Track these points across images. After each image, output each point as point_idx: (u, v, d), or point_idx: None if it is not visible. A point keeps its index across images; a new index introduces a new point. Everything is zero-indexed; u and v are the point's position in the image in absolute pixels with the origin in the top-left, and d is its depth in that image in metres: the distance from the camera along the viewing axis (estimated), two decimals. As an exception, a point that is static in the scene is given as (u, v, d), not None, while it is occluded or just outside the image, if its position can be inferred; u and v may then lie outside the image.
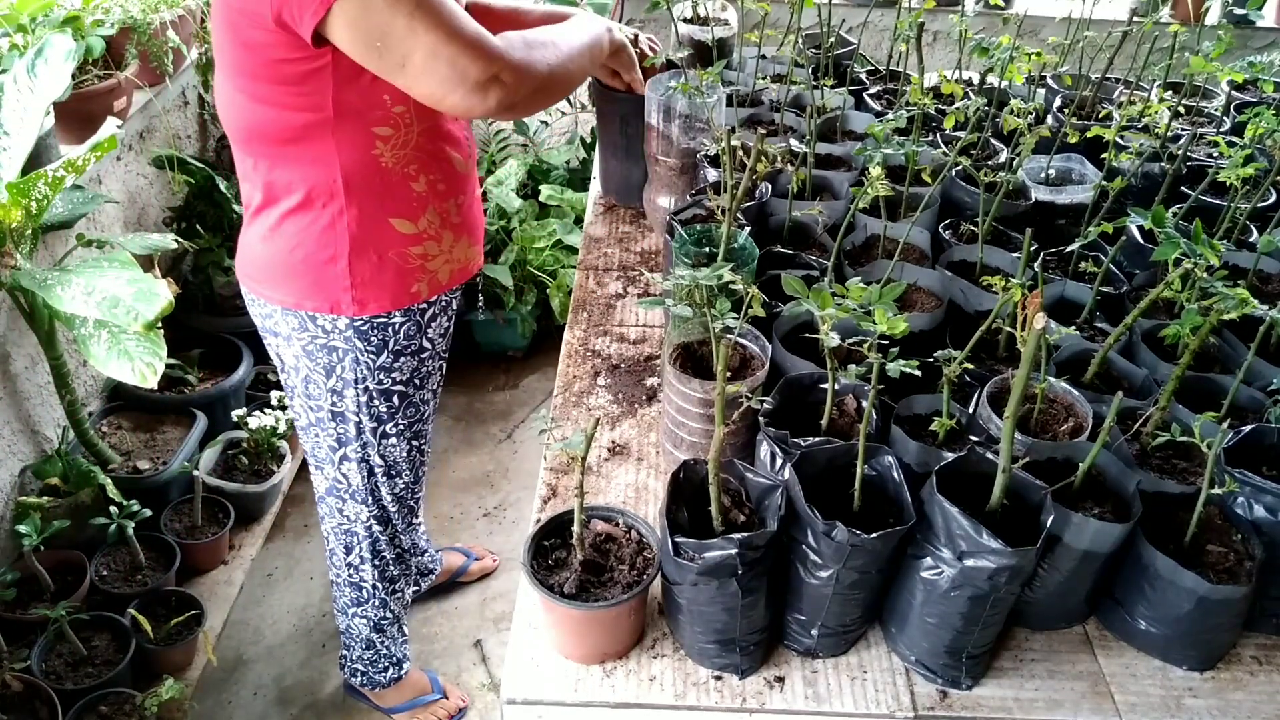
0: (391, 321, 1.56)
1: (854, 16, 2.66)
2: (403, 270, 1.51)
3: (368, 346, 1.57)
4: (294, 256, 1.48)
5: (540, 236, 3.11)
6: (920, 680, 1.19)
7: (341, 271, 1.47)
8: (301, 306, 1.52)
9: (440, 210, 1.52)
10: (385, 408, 1.67)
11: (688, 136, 1.81)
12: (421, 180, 1.47)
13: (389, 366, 1.61)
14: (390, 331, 1.57)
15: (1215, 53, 1.71)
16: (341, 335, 1.55)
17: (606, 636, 1.17)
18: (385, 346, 1.58)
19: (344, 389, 1.62)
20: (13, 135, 1.95)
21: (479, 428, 3.09)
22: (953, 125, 1.68)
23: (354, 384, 1.61)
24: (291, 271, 1.49)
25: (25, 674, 1.96)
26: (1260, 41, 3.30)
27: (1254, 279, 1.58)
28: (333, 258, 1.47)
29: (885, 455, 1.16)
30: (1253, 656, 1.24)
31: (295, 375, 1.66)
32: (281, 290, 1.52)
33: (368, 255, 1.47)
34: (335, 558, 1.94)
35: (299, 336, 1.57)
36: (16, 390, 2.24)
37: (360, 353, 1.57)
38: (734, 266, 1.22)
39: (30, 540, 1.99)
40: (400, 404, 1.68)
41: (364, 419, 1.67)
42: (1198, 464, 1.25)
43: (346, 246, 1.46)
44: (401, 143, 1.42)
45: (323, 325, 1.54)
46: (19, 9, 2.18)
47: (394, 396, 1.66)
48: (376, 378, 1.61)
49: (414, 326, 1.60)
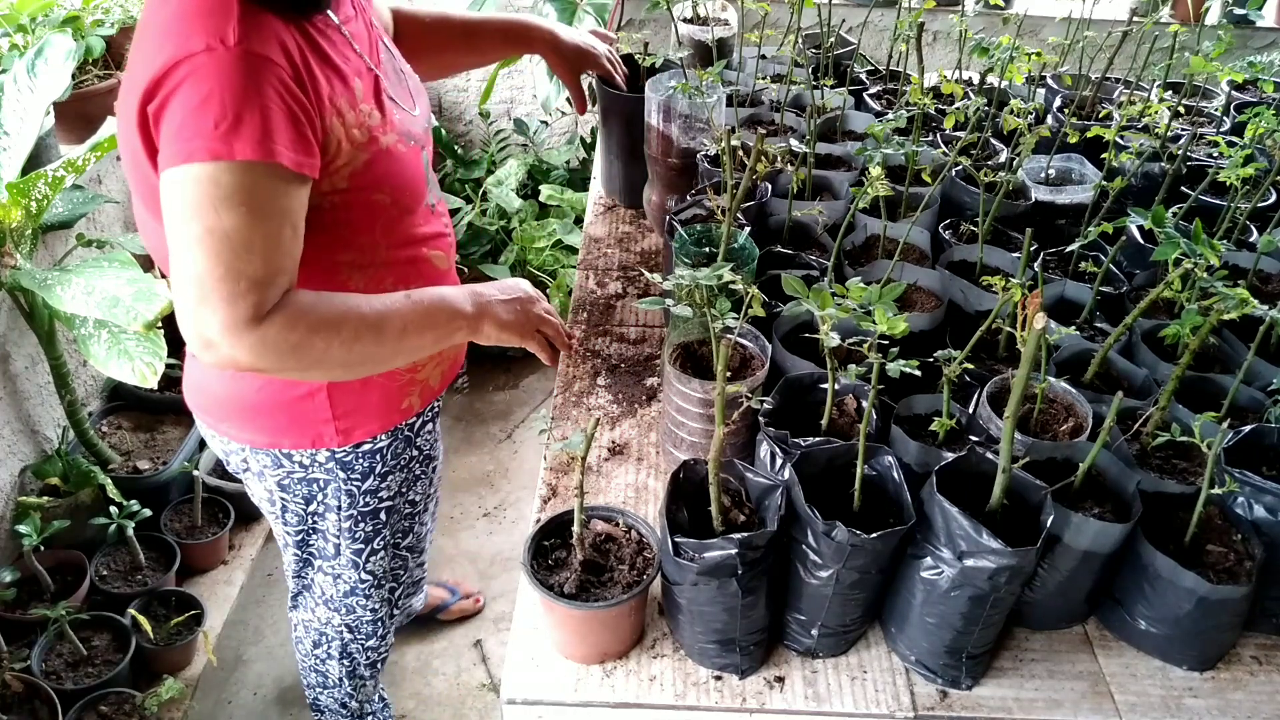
0: (378, 446, 1.43)
1: (854, 16, 2.66)
2: (390, 390, 1.38)
3: (352, 475, 1.43)
4: (262, 395, 1.31)
5: (540, 236, 3.11)
6: (920, 680, 1.19)
7: (321, 404, 1.32)
8: (276, 445, 1.36)
9: None
10: (370, 527, 1.53)
11: (688, 136, 1.81)
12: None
13: (375, 489, 1.48)
14: (378, 456, 1.44)
15: (1215, 53, 1.71)
16: (323, 468, 1.40)
17: (606, 636, 1.17)
18: (372, 471, 1.45)
19: (325, 513, 1.49)
20: (13, 135, 1.95)
21: (479, 428, 3.09)
22: (953, 125, 1.68)
23: (336, 510, 1.48)
24: (260, 411, 1.33)
25: (25, 674, 1.96)
26: (1260, 41, 3.30)
27: (1254, 279, 1.58)
28: (309, 393, 1.31)
29: (885, 455, 1.16)
30: (1253, 656, 1.24)
31: (267, 505, 1.52)
32: (249, 430, 1.35)
33: (349, 383, 1.32)
34: (301, 645, 1.81)
35: (272, 473, 1.42)
36: (16, 390, 2.24)
37: (344, 481, 1.44)
38: (734, 266, 1.22)
39: (30, 540, 1.99)
40: (387, 518, 1.55)
41: (344, 541, 1.54)
42: (1198, 464, 1.25)
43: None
44: (369, 264, 1.26)
45: (300, 461, 1.39)
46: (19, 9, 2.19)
47: (381, 513, 1.53)
48: (362, 501, 1.48)
49: (403, 442, 1.47)
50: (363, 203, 1.19)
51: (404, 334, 1.14)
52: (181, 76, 0.98)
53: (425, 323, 1.16)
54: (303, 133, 1.04)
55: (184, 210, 1.00)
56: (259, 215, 1.01)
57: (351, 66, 1.16)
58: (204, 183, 0.98)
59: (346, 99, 1.13)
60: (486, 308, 1.24)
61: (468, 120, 3.66)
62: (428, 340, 1.19)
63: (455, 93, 3.60)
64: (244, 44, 1.00)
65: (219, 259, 0.99)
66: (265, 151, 0.99)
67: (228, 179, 0.99)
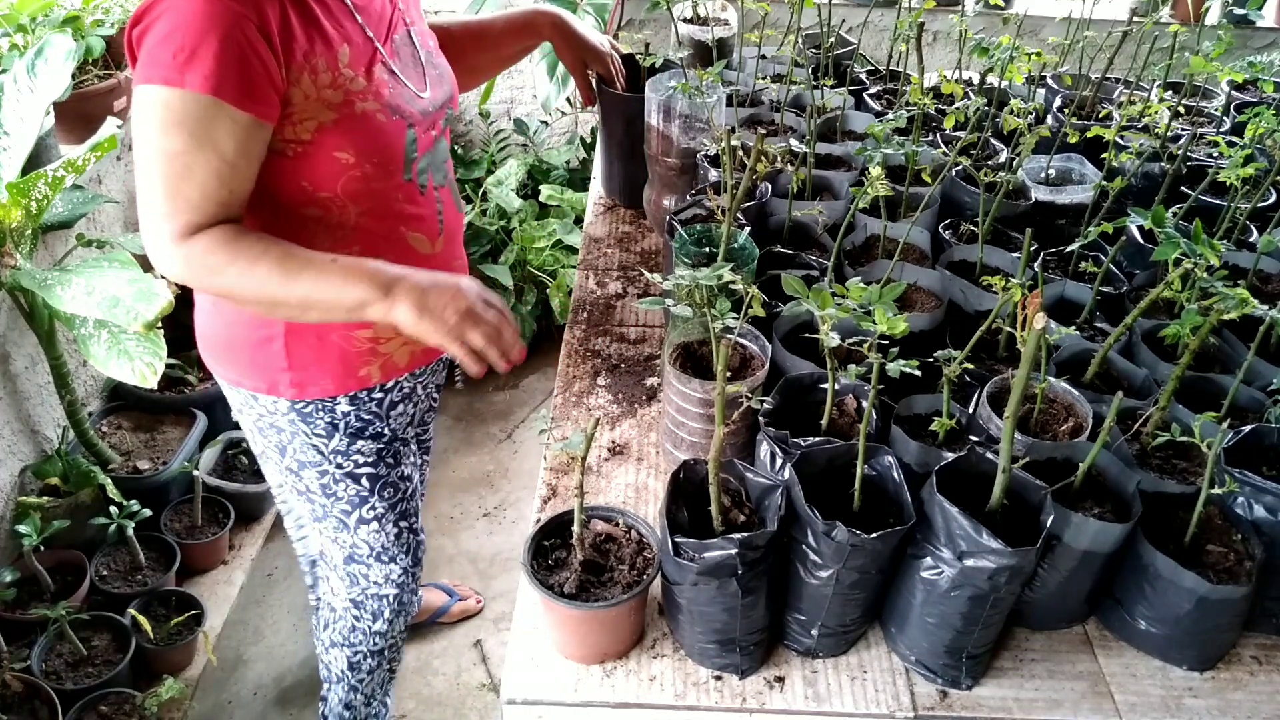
0: (338, 405, 1.44)
1: (854, 16, 2.66)
2: (348, 353, 1.40)
3: (314, 429, 1.45)
4: (231, 333, 1.40)
5: (540, 236, 3.11)
6: (920, 680, 1.19)
7: (277, 353, 1.37)
8: (241, 385, 1.44)
9: None
10: (354, 491, 1.54)
11: (688, 136, 1.81)
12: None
13: (345, 450, 1.49)
14: (339, 414, 1.45)
15: (1215, 53, 1.71)
16: (285, 417, 1.44)
17: (607, 636, 1.17)
18: (336, 430, 1.46)
19: (300, 470, 1.51)
20: (13, 135, 1.95)
21: (479, 428, 3.09)
22: (953, 125, 1.68)
23: (310, 465, 1.50)
24: (230, 347, 1.42)
25: (25, 674, 1.96)
26: (1260, 41, 3.30)
27: (1254, 279, 1.58)
28: (267, 338, 1.37)
29: (885, 455, 1.16)
30: (1253, 656, 1.24)
31: (254, 446, 1.58)
32: (223, 365, 1.45)
33: (305, 337, 1.37)
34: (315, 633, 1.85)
35: (246, 412, 1.49)
36: (16, 390, 2.24)
37: (308, 435, 1.46)
38: (734, 266, 1.22)
39: (30, 540, 1.99)
40: (373, 485, 1.55)
41: (330, 502, 1.55)
42: (1198, 464, 1.25)
43: (281, 327, 1.36)
44: (336, 224, 1.30)
45: (265, 405, 1.44)
46: (19, 9, 2.18)
47: (362, 479, 1.53)
48: (334, 460, 1.49)
49: (369, 412, 1.48)
50: (325, 157, 1.24)
51: (314, 290, 1.17)
52: (160, 10, 1.10)
53: (337, 285, 1.17)
54: (258, 81, 1.13)
55: (141, 127, 1.12)
56: (200, 144, 1.11)
57: (342, 33, 1.23)
58: (158, 105, 1.10)
59: (326, 59, 1.20)
60: (405, 291, 1.17)
61: (468, 120, 3.66)
62: (336, 306, 1.19)
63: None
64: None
65: (162, 177, 1.12)
66: (212, 88, 1.10)
67: (178, 105, 1.10)
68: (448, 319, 1.18)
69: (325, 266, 1.18)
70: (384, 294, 1.17)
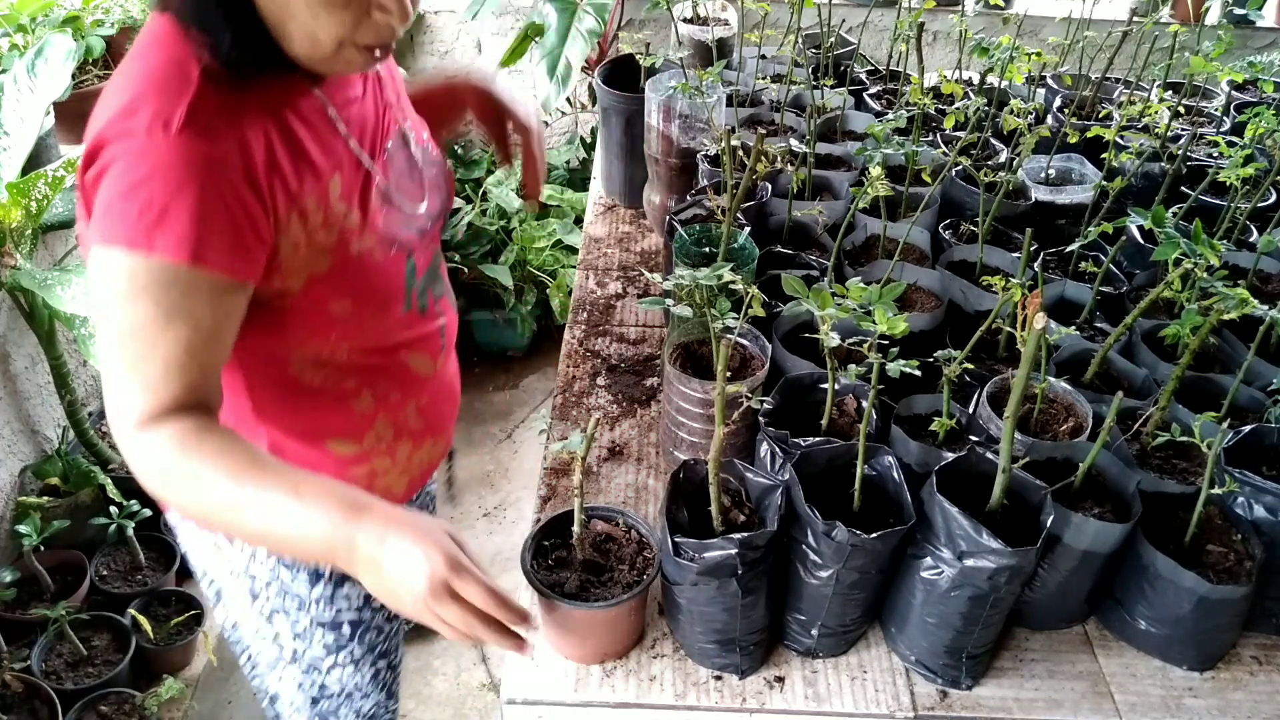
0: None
1: (854, 16, 2.66)
2: None
3: (295, 576, 1.27)
4: None
5: (540, 236, 3.11)
6: (920, 680, 1.19)
7: None
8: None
9: (394, 421, 1.23)
10: (331, 638, 1.34)
11: (688, 136, 1.81)
12: (366, 396, 1.19)
13: (329, 597, 1.30)
14: (324, 565, 1.25)
15: (1215, 53, 1.71)
16: (263, 565, 1.25)
17: (607, 636, 1.17)
18: (320, 578, 1.28)
19: (271, 616, 1.30)
20: (13, 135, 1.95)
21: (479, 428, 3.09)
22: (953, 125, 1.68)
23: (283, 613, 1.30)
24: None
25: (25, 674, 1.96)
26: (1260, 41, 3.30)
27: (1254, 279, 1.58)
28: None
29: (885, 455, 1.16)
30: (1253, 656, 1.24)
31: (208, 586, 1.34)
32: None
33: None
34: None
35: (210, 556, 1.29)
36: (16, 390, 2.24)
37: (287, 583, 1.27)
38: (734, 266, 1.22)
39: (30, 540, 1.99)
40: (354, 631, 1.35)
41: (302, 646, 1.34)
42: (1198, 464, 1.25)
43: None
44: (328, 362, 1.13)
45: (235, 551, 1.25)
46: (19, 9, 2.19)
47: (343, 626, 1.33)
48: (314, 609, 1.30)
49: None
50: (317, 309, 1.07)
51: (262, 532, 0.95)
52: (115, 154, 0.90)
53: (289, 533, 0.94)
54: (243, 238, 0.94)
55: (99, 292, 0.93)
56: (170, 316, 0.92)
57: (332, 160, 1.04)
58: (121, 271, 0.91)
59: (316, 196, 1.01)
60: (365, 557, 0.93)
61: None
62: (287, 549, 1.08)
63: (455, 93, 3.60)
64: (188, 133, 0.89)
65: (124, 350, 0.93)
66: (189, 254, 0.90)
67: (144, 275, 0.90)
68: (404, 599, 0.92)
69: (278, 503, 0.93)
70: (342, 555, 0.94)
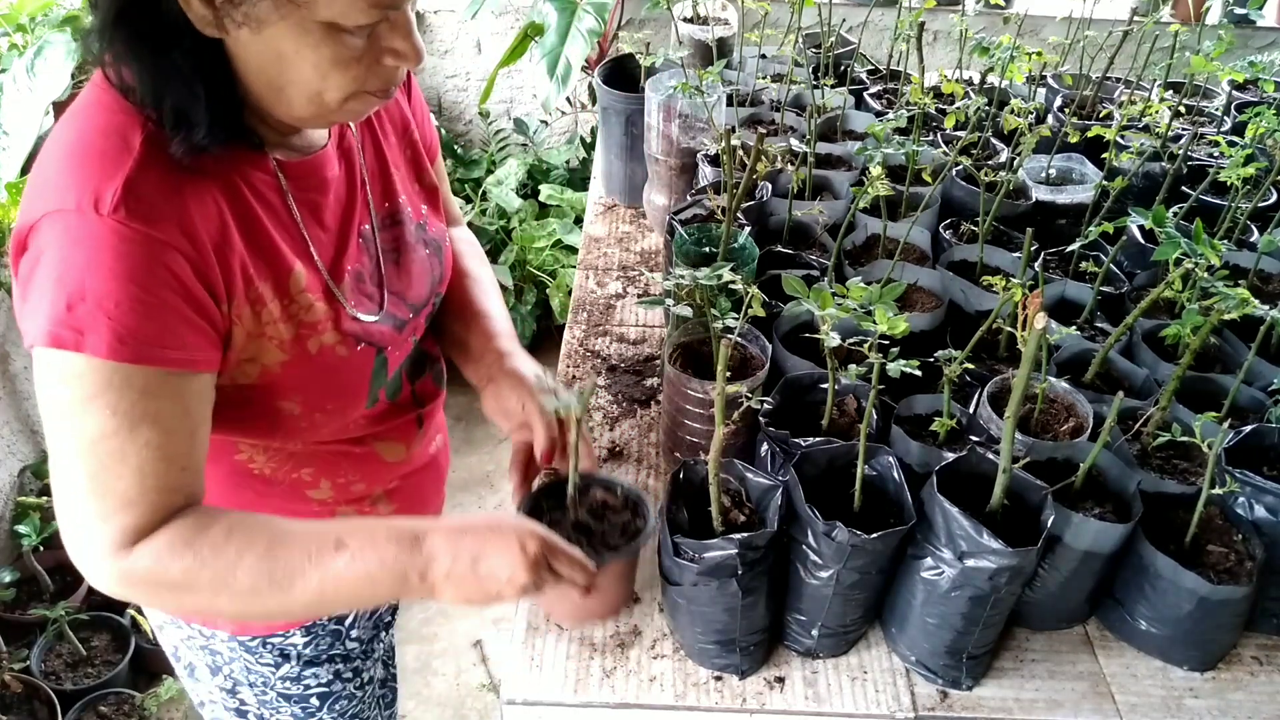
0: (290, 640, 1.21)
1: (854, 16, 2.66)
2: None
3: (260, 660, 1.22)
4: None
5: (540, 236, 3.12)
6: (920, 680, 1.19)
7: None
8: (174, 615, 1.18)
9: (360, 509, 1.16)
10: (300, 709, 1.29)
11: (688, 136, 1.81)
12: (324, 486, 1.11)
13: (296, 676, 1.25)
14: (292, 648, 1.23)
15: (1216, 52, 1.71)
16: (224, 644, 1.20)
17: (592, 599, 1.13)
18: (286, 659, 1.23)
19: (235, 688, 1.26)
20: (13, 135, 1.95)
21: (479, 428, 3.09)
22: (953, 125, 1.68)
23: (248, 685, 1.25)
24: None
25: (25, 674, 1.96)
26: (1260, 41, 3.30)
27: (1254, 279, 1.58)
28: None
29: (885, 455, 1.16)
30: (1253, 657, 1.24)
31: (170, 653, 1.28)
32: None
33: None
34: None
35: (170, 630, 1.23)
36: (16, 390, 2.24)
37: (251, 663, 1.22)
38: (734, 266, 1.21)
39: (30, 540, 2.00)
40: (324, 702, 1.30)
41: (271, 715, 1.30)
42: (1198, 464, 1.25)
43: None
44: (279, 452, 1.05)
45: (199, 629, 1.18)
46: (19, 9, 2.19)
47: (311, 699, 1.29)
48: (281, 686, 1.26)
49: (328, 639, 1.25)
50: (266, 408, 0.97)
51: (320, 600, 0.87)
52: (45, 236, 0.79)
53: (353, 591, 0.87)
54: (193, 324, 0.84)
55: (45, 401, 0.82)
56: (136, 423, 0.81)
57: (298, 246, 0.94)
58: (71, 377, 0.79)
59: (273, 286, 0.91)
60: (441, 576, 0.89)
61: (468, 120, 3.66)
62: (346, 607, 0.99)
63: (455, 92, 3.61)
64: (121, 212, 0.78)
65: (87, 466, 0.81)
66: (131, 352, 0.79)
67: (92, 377, 0.79)
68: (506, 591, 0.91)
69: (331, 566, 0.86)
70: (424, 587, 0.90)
